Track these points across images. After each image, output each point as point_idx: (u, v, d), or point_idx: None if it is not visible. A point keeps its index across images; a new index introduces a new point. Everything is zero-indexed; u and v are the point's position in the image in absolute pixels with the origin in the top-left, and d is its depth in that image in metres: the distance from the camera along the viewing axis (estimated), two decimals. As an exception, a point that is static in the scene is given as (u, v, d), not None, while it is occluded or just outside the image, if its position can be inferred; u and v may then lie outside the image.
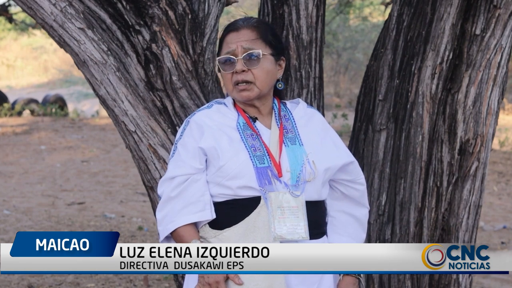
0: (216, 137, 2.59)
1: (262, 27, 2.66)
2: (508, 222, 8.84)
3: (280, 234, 2.53)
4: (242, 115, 2.65)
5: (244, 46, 2.60)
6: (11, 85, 25.29)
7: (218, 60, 2.64)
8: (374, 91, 3.89)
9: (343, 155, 2.69)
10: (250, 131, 2.62)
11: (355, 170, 2.73)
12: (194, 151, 2.60)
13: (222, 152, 2.57)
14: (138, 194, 9.86)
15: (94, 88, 3.70)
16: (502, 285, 6.34)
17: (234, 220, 2.56)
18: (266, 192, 2.54)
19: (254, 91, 2.60)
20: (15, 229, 7.71)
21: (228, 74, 2.61)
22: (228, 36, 2.65)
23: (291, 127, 2.66)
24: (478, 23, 3.79)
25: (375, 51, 3.98)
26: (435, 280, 3.89)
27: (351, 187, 2.72)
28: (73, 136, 14.01)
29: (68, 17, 3.60)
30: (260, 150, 2.58)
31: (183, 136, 2.64)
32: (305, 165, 2.58)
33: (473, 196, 3.92)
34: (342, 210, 2.73)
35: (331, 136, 2.72)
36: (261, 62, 2.60)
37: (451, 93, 3.85)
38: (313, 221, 2.59)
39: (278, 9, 3.88)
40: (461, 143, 3.87)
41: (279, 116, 2.67)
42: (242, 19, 2.69)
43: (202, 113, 2.67)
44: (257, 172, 2.55)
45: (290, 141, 2.62)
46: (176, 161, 2.62)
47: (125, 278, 6.15)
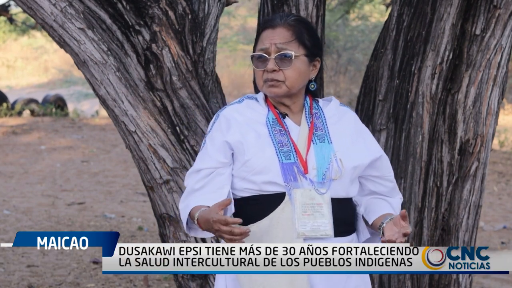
0: (243, 132, 2.58)
1: (299, 26, 2.62)
2: (508, 222, 8.85)
3: (304, 231, 2.52)
4: (272, 111, 2.63)
5: (278, 46, 2.58)
6: (11, 85, 25.28)
7: (251, 56, 2.62)
8: (374, 91, 3.89)
9: (372, 151, 2.66)
10: (279, 126, 2.60)
11: (383, 165, 2.68)
12: (221, 145, 2.59)
13: (248, 147, 2.56)
14: (138, 194, 9.86)
15: (94, 88, 3.70)
16: (502, 285, 6.34)
17: (259, 215, 2.56)
18: (291, 188, 2.53)
19: (282, 88, 2.59)
20: (15, 229, 7.71)
21: (260, 71, 2.61)
22: (264, 32, 2.63)
23: (321, 124, 2.64)
24: (478, 23, 3.79)
25: (375, 51, 3.98)
26: (435, 280, 3.90)
27: (379, 183, 2.69)
28: (73, 136, 14.01)
29: (68, 17, 3.60)
30: (287, 146, 2.57)
31: (212, 129, 2.64)
32: (332, 163, 2.56)
33: (473, 196, 3.92)
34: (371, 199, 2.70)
35: (362, 134, 2.68)
36: (293, 63, 2.58)
37: (451, 93, 3.85)
38: (340, 218, 2.57)
39: (278, 9, 3.88)
40: (461, 143, 3.87)
41: (309, 113, 2.65)
42: (281, 15, 2.66)
43: (232, 108, 2.66)
44: (282, 168, 2.54)
45: (319, 138, 2.61)
46: (203, 154, 2.63)
47: (125, 278, 6.15)
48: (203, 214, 2.47)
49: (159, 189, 3.70)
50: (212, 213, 2.42)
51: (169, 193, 3.69)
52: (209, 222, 2.42)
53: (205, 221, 2.45)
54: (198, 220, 2.49)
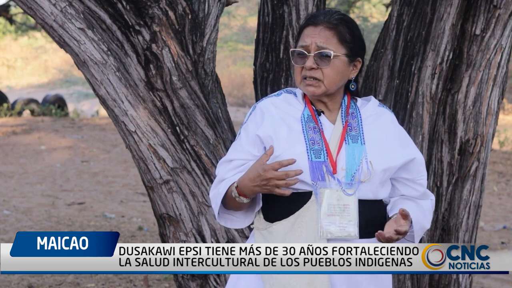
0: (275, 126, 2.57)
1: (342, 25, 2.60)
2: (508, 222, 8.85)
3: (328, 231, 2.49)
4: (308, 107, 2.61)
5: (318, 44, 2.56)
6: (11, 85, 25.29)
7: (291, 52, 2.61)
8: (374, 91, 3.89)
9: (406, 153, 2.61)
10: (313, 123, 2.58)
11: (416, 168, 2.64)
12: (253, 137, 2.58)
13: (278, 142, 2.54)
14: (138, 194, 9.86)
15: (94, 88, 3.70)
16: (502, 285, 6.34)
17: (284, 213, 2.53)
18: (318, 187, 2.50)
19: (320, 88, 2.57)
20: (15, 229, 7.71)
21: (299, 67, 2.59)
22: (306, 29, 2.61)
23: (356, 124, 2.61)
24: (478, 23, 3.79)
25: (375, 51, 3.98)
26: (435, 280, 3.90)
27: (410, 186, 2.65)
28: (73, 136, 14.01)
29: (68, 17, 3.60)
30: (319, 144, 2.54)
31: (247, 121, 2.63)
32: (362, 164, 2.53)
33: (473, 196, 3.92)
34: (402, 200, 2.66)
35: (398, 136, 2.64)
36: (332, 62, 2.56)
37: (451, 93, 3.85)
38: (367, 220, 2.53)
39: (278, 9, 3.88)
40: (461, 143, 3.87)
41: (346, 112, 2.62)
42: (324, 12, 2.64)
43: (269, 100, 2.64)
44: (311, 166, 2.51)
45: (352, 139, 2.57)
46: (236, 145, 2.62)
47: (125, 278, 6.16)
48: (245, 176, 2.48)
49: (159, 189, 3.70)
50: (259, 165, 2.44)
51: (169, 193, 3.69)
52: (257, 177, 2.43)
53: (250, 180, 2.46)
54: (239, 184, 2.49)
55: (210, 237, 3.67)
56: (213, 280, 3.71)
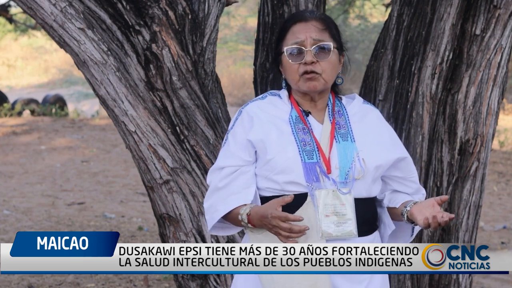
0: (265, 130, 2.55)
1: (328, 20, 2.62)
2: (508, 222, 8.84)
3: (328, 231, 2.49)
4: (295, 108, 2.60)
5: (314, 38, 2.56)
6: (11, 85, 25.28)
7: (285, 51, 2.58)
8: (374, 91, 3.89)
9: (396, 151, 2.63)
10: (302, 125, 2.57)
11: (407, 167, 2.66)
12: (244, 142, 2.56)
13: (270, 145, 2.53)
14: (138, 194, 9.85)
15: (94, 88, 3.70)
16: (502, 285, 6.34)
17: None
18: (314, 189, 2.50)
19: (320, 82, 2.56)
20: (15, 229, 7.71)
21: (295, 65, 2.57)
22: (295, 26, 2.59)
23: (344, 122, 2.61)
24: (478, 23, 3.79)
25: (375, 51, 3.98)
26: (435, 280, 3.90)
27: (403, 184, 2.67)
28: (73, 136, 14.01)
29: (68, 17, 3.60)
30: (310, 145, 2.54)
31: (234, 126, 2.61)
32: (355, 162, 2.53)
33: (473, 196, 3.92)
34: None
35: (386, 133, 2.66)
36: (330, 55, 2.57)
37: (451, 93, 3.86)
38: (363, 218, 2.54)
39: (278, 9, 3.88)
40: (461, 143, 3.87)
41: (332, 111, 2.62)
42: (306, 11, 2.64)
43: (255, 104, 2.63)
44: (305, 167, 2.50)
45: (342, 137, 2.57)
46: (225, 151, 2.60)
47: (125, 278, 6.15)
48: (258, 210, 2.46)
49: (159, 189, 3.70)
50: (271, 208, 2.41)
51: (169, 193, 3.69)
52: (265, 218, 2.41)
53: (260, 216, 2.44)
54: (250, 215, 2.47)
55: (210, 237, 3.67)
56: (213, 280, 3.71)
